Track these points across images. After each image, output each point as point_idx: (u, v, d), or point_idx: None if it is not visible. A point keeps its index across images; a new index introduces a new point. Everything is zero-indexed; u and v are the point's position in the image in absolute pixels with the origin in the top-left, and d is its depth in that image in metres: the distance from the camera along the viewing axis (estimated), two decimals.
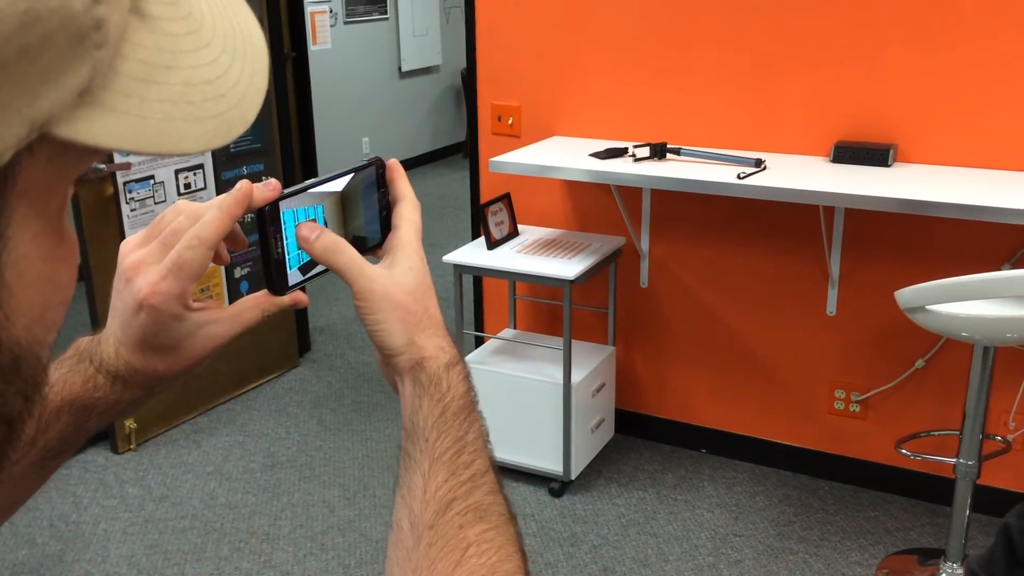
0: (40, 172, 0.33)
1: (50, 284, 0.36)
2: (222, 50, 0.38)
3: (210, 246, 0.63)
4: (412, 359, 0.66)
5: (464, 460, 0.62)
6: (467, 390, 0.66)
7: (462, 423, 0.64)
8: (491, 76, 3.41)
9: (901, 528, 2.97)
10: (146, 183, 3.34)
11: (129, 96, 0.34)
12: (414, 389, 0.65)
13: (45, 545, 2.91)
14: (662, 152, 2.94)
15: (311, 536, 2.96)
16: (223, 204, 0.64)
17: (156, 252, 0.64)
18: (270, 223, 0.66)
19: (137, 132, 0.34)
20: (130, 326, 0.64)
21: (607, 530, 2.98)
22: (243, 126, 0.39)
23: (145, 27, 0.35)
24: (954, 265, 2.77)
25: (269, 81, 1.18)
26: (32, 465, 0.64)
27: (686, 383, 3.40)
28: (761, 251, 3.14)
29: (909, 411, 3.06)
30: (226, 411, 3.77)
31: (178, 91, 0.35)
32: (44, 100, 0.31)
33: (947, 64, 2.73)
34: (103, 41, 0.32)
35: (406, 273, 0.67)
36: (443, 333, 0.68)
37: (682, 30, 3.05)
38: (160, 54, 0.35)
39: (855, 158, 2.82)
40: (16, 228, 0.33)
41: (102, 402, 0.66)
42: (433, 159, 8.46)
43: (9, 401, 0.35)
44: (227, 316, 0.68)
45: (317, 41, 6.65)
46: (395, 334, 0.66)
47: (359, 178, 0.71)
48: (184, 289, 0.63)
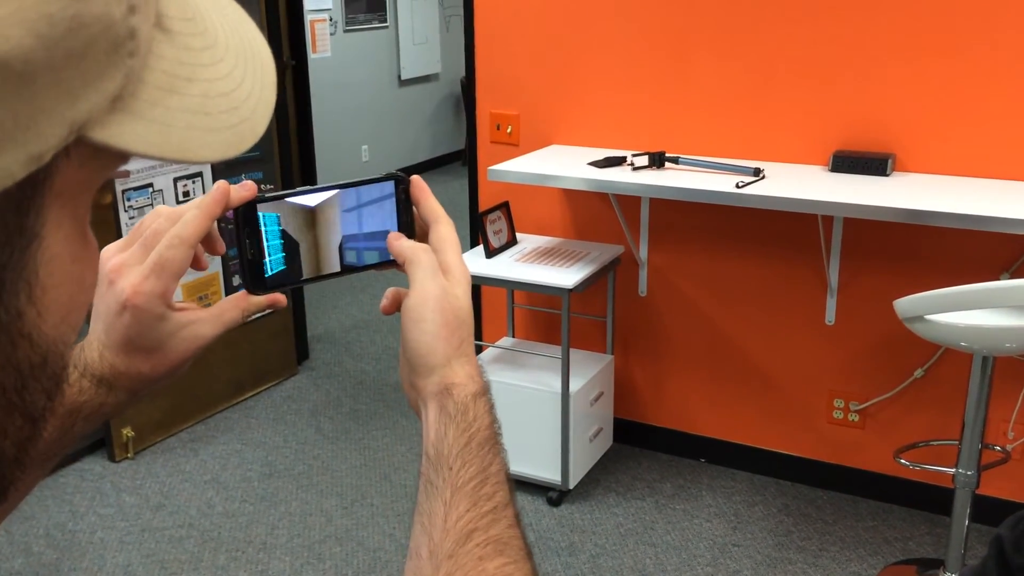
0: (73, 175, 0.34)
1: (77, 285, 0.37)
2: (234, 65, 0.40)
3: (190, 245, 0.64)
4: (441, 383, 0.66)
5: (487, 492, 0.62)
6: (492, 422, 0.66)
7: (486, 454, 0.64)
8: (490, 85, 3.41)
9: (900, 538, 2.96)
10: (145, 191, 3.34)
11: (155, 105, 0.35)
12: (439, 416, 0.65)
13: (41, 554, 2.90)
14: (660, 161, 2.94)
15: (308, 545, 2.95)
16: (202, 204, 0.65)
17: (138, 254, 0.65)
18: (244, 224, 0.67)
19: (163, 139, 0.35)
20: (114, 328, 0.65)
21: (605, 539, 2.97)
22: (254, 138, 0.40)
23: (167, 41, 0.36)
24: (953, 275, 2.77)
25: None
26: None
27: (685, 392, 3.40)
28: (759, 260, 3.14)
29: (908, 421, 3.05)
30: (224, 419, 3.76)
31: (197, 102, 0.37)
32: (83, 103, 0.32)
33: (945, 73, 2.74)
34: (135, 50, 0.34)
35: (459, 296, 0.67)
36: (475, 362, 0.68)
37: (681, 38, 3.06)
38: (181, 67, 0.37)
39: (853, 167, 2.82)
40: (50, 228, 0.34)
41: (87, 406, 0.66)
42: (432, 167, 8.46)
43: (36, 399, 0.36)
44: (209, 316, 0.69)
45: (317, 49, 6.66)
46: (436, 350, 0.66)
47: (366, 191, 0.71)
48: (167, 288, 0.64)
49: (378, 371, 4.22)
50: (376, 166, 7.75)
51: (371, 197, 0.71)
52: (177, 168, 3.44)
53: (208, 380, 3.71)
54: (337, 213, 0.70)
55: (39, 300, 0.34)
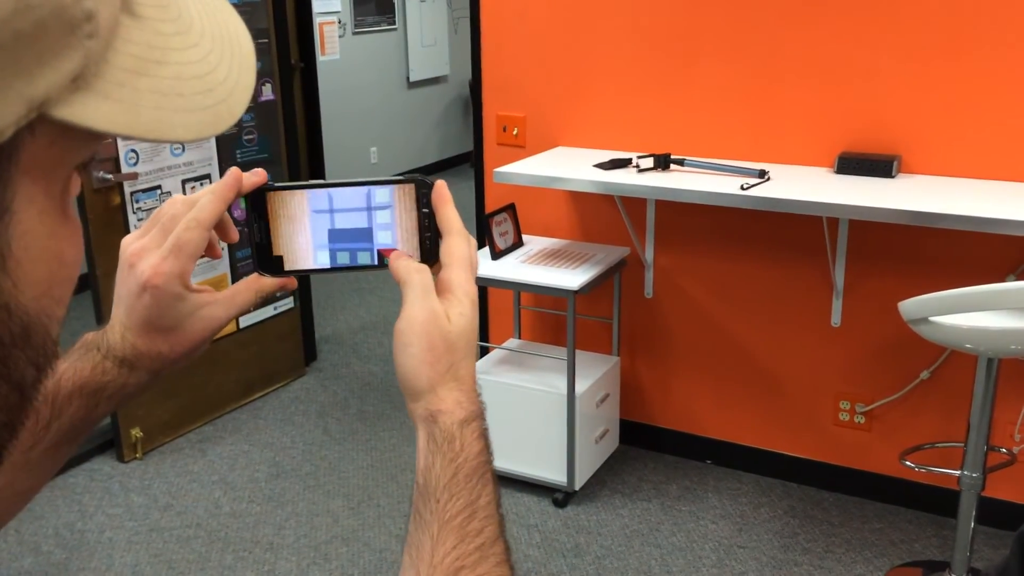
0: (43, 152, 0.36)
1: (55, 260, 0.39)
2: (210, 50, 0.41)
3: (206, 227, 0.67)
4: (428, 410, 0.65)
5: (474, 527, 0.62)
6: (481, 449, 0.65)
7: (474, 486, 0.63)
8: (496, 87, 3.42)
9: (906, 540, 2.96)
10: (153, 193, 3.36)
11: (122, 86, 0.37)
12: (427, 444, 0.65)
13: (50, 553, 2.93)
14: (666, 163, 2.95)
15: (315, 546, 2.97)
16: (216, 188, 0.69)
17: (157, 238, 0.68)
18: (252, 208, 0.70)
19: (130, 119, 0.37)
20: (135, 309, 0.68)
21: (611, 541, 2.98)
22: (231, 118, 0.42)
23: (136, 25, 0.38)
24: (958, 276, 2.77)
25: (277, 92, 1.19)
26: (47, 450, 0.68)
27: (690, 394, 3.40)
28: (765, 262, 3.14)
29: (914, 423, 3.05)
30: (232, 420, 3.78)
31: (168, 84, 0.38)
32: (40, 82, 0.33)
33: (951, 75, 2.73)
34: (94, 32, 0.35)
35: (456, 321, 0.66)
36: (466, 388, 0.67)
37: (686, 41, 3.06)
38: (151, 50, 0.38)
39: (859, 169, 2.82)
40: (21, 203, 0.36)
41: (111, 386, 0.70)
42: (441, 169, 8.48)
43: (20, 367, 0.38)
44: (223, 299, 0.71)
45: (326, 51, 6.69)
46: (419, 375, 0.66)
47: (384, 191, 0.71)
48: (184, 269, 0.67)
49: (385, 372, 4.23)
50: (385, 168, 7.77)
51: (388, 198, 0.71)
52: (184, 170, 3.46)
53: (216, 381, 3.73)
54: (350, 209, 0.71)
55: (13, 272, 0.36)
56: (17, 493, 0.69)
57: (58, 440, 0.69)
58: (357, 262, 0.71)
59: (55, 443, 0.68)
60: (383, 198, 0.70)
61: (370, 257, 0.72)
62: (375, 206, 0.71)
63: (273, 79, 3.76)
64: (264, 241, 0.71)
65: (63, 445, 0.69)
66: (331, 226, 0.71)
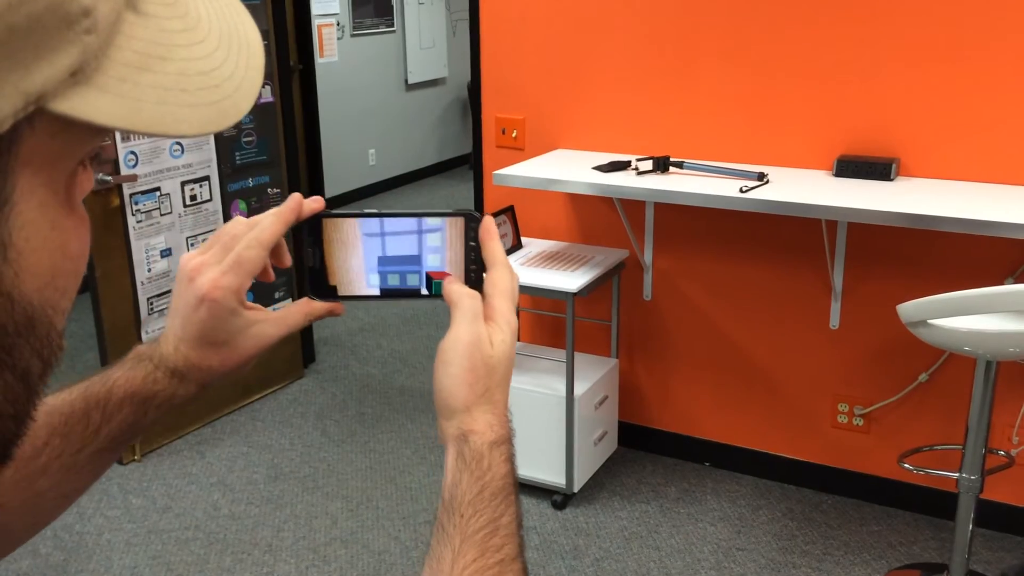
0: (43, 145, 0.36)
1: (58, 251, 0.39)
2: (216, 47, 0.42)
3: (266, 247, 0.70)
4: (460, 429, 0.67)
5: (495, 543, 0.63)
6: (508, 471, 0.67)
7: (498, 505, 0.65)
8: (495, 89, 3.42)
9: (904, 543, 2.96)
10: (152, 195, 3.36)
11: (123, 81, 0.37)
12: (456, 462, 0.66)
13: (49, 555, 2.92)
14: (665, 165, 2.95)
15: (313, 548, 2.97)
16: (278, 211, 0.71)
17: (217, 255, 0.71)
18: (307, 233, 0.73)
19: (131, 113, 0.37)
20: (190, 321, 0.71)
21: (609, 543, 2.98)
22: (237, 114, 0.42)
23: (141, 22, 0.38)
24: (957, 279, 2.78)
25: (276, 93, 1.19)
26: (95, 453, 0.71)
27: (689, 396, 3.40)
28: (764, 264, 3.14)
29: (912, 425, 3.05)
30: (230, 422, 3.78)
31: (172, 79, 0.39)
32: (37, 75, 0.34)
33: (950, 78, 2.74)
34: (92, 27, 0.35)
35: (498, 344, 0.69)
36: (499, 412, 0.69)
37: (685, 44, 3.07)
38: (155, 46, 0.39)
39: (857, 172, 2.82)
40: (21, 194, 0.36)
41: (161, 395, 0.72)
42: (439, 171, 8.48)
43: (25, 357, 0.38)
44: (275, 318, 0.74)
45: (324, 53, 6.69)
46: (457, 395, 0.68)
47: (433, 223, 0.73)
48: (241, 285, 0.70)
49: (384, 375, 4.23)
50: (383, 170, 7.77)
51: (438, 229, 0.73)
52: (184, 172, 3.46)
53: None
54: (401, 237, 0.73)
55: (15, 262, 0.36)
56: (62, 495, 0.72)
57: (106, 445, 0.71)
58: (406, 285, 0.74)
59: (103, 448, 0.71)
60: (433, 229, 0.73)
61: (418, 281, 0.75)
62: (425, 235, 0.73)
63: (272, 81, 3.76)
64: (317, 266, 0.74)
65: (110, 450, 0.72)
66: (381, 253, 0.74)
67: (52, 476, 0.69)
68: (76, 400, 0.71)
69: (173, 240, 3.45)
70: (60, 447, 0.69)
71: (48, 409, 0.70)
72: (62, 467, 0.69)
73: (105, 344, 3.36)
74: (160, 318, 3.46)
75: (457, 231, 0.73)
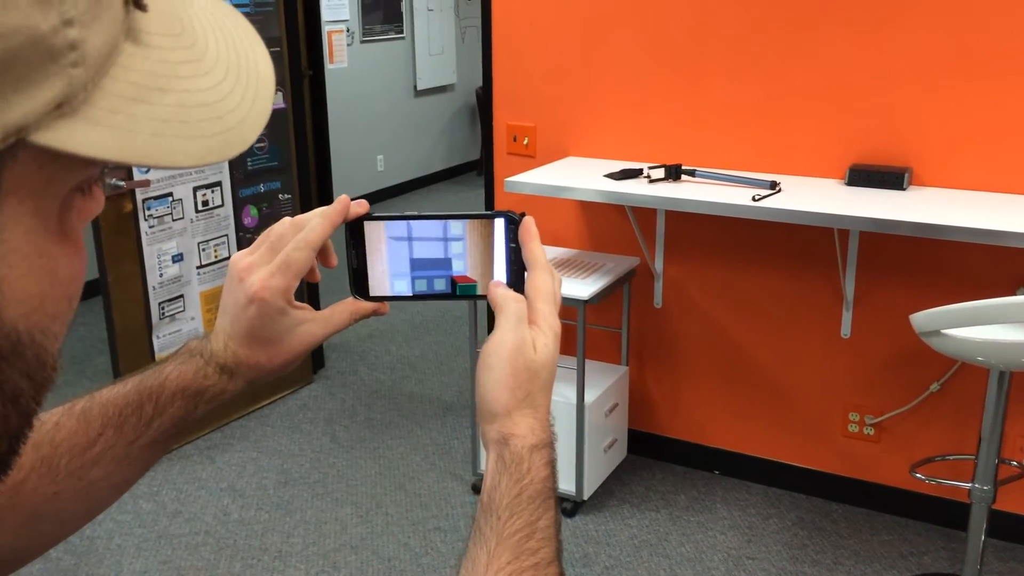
0: (29, 175, 0.36)
1: (46, 278, 0.39)
2: (223, 78, 0.42)
3: (314, 248, 0.72)
4: (501, 433, 0.68)
5: (531, 546, 0.63)
6: (548, 476, 0.67)
7: (536, 508, 0.65)
8: (507, 96, 3.43)
9: (915, 552, 2.95)
10: (164, 200, 3.37)
11: (116, 112, 0.37)
12: (496, 465, 0.67)
13: (59, 560, 2.93)
14: (677, 173, 2.95)
15: (323, 554, 2.97)
16: (326, 213, 0.73)
17: (265, 255, 0.72)
18: (351, 236, 0.75)
19: (123, 144, 0.37)
20: (239, 320, 0.73)
21: (619, 551, 2.97)
22: (242, 145, 0.42)
23: (140, 53, 0.38)
24: (969, 289, 2.77)
25: (287, 100, 1.19)
26: (148, 444, 0.73)
27: (699, 404, 3.40)
28: (775, 273, 3.14)
29: (924, 435, 3.05)
30: (240, 427, 3.78)
31: (170, 111, 0.39)
32: (17, 109, 0.34)
33: (963, 87, 2.74)
34: (79, 60, 0.35)
35: (541, 349, 0.69)
36: (540, 417, 0.69)
37: (698, 51, 3.07)
38: (154, 78, 0.39)
39: (870, 181, 2.82)
40: (5, 223, 0.36)
41: (211, 390, 0.74)
42: (447, 177, 8.50)
43: (13, 379, 0.38)
44: (322, 317, 0.76)
45: (334, 60, 6.71)
46: (499, 399, 0.68)
47: (473, 224, 0.74)
48: (289, 285, 0.72)
49: (393, 380, 4.24)
50: (392, 176, 7.78)
51: (476, 231, 0.74)
52: (196, 178, 3.47)
53: None
54: (439, 240, 0.74)
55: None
56: (115, 484, 0.73)
57: (157, 437, 0.73)
58: (435, 290, 0.75)
59: (154, 440, 0.73)
60: (474, 230, 0.74)
61: (445, 284, 0.75)
62: (462, 238, 0.74)
63: (284, 87, 3.78)
64: (360, 266, 0.75)
65: (161, 443, 0.74)
66: (422, 255, 0.75)
67: (105, 466, 0.71)
68: (130, 393, 0.72)
69: (185, 245, 3.46)
70: (113, 438, 0.71)
71: (103, 401, 0.72)
72: (115, 458, 0.71)
73: (116, 348, 3.36)
74: (171, 323, 3.47)
75: (499, 232, 0.74)
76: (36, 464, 0.68)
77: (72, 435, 0.70)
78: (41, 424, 0.70)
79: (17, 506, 0.67)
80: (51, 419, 0.70)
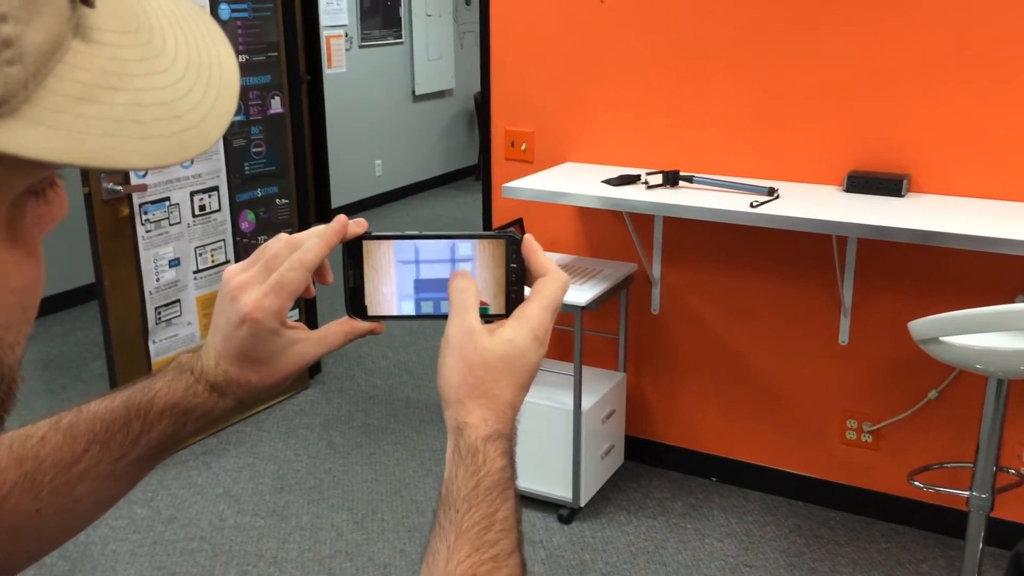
0: None
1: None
2: (181, 76, 0.40)
3: (309, 269, 0.70)
4: (456, 420, 0.67)
5: (490, 538, 0.63)
6: (504, 466, 0.67)
7: (494, 500, 0.65)
8: (505, 102, 3.43)
9: (913, 560, 2.94)
10: (162, 205, 3.36)
11: (61, 112, 0.35)
12: (453, 455, 0.67)
13: (53, 566, 2.91)
14: (675, 179, 2.95)
15: (319, 560, 2.95)
16: (323, 233, 0.71)
17: (259, 274, 0.71)
18: (349, 255, 0.73)
19: (68, 146, 0.35)
20: (231, 339, 0.71)
21: (616, 558, 2.96)
22: (203, 145, 0.40)
23: (90, 51, 0.37)
24: (968, 296, 2.77)
25: (286, 104, 1.18)
26: (134, 462, 0.71)
27: (697, 410, 3.39)
28: (773, 279, 3.13)
29: (922, 442, 3.04)
30: (236, 433, 3.77)
31: (124, 110, 0.37)
32: None
33: (962, 95, 2.74)
34: (15, 58, 0.34)
35: (500, 343, 0.68)
36: (496, 408, 0.68)
37: (696, 57, 3.07)
38: (105, 76, 0.37)
39: (868, 188, 2.82)
40: None
41: (200, 408, 0.73)
42: (445, 182, 8.49)
43: None
44: (316, 337, 0.75)
45: (332, 65, 6.70)
46: (449, 384, 0.68)
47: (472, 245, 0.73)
48: (283, 306, 0.70)
49: (389, 386, 4.23)
50: (390, 181, 7.78)
51: (475, 251, 0.73)
52: (193, 182, 3.46)
53: None
54: (438, 261, 0.74)
55: None
56: (99, 501, 0.72)
57: (144, 454, 0.72)
58: (441, 311, 0.74)
59: (141, 457, 0.71)
60: (470, 251, 0.73)
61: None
62: (463, 258, 0.73)
63: (282, 92, 3.77)
64: (357, 286, 0.74)
65: (148, 460, 0.72)
66: (418, 276, 0.74)
67: (90, 483, 0.70)
68: (118, 408, 0.71)
69: (181, 250, 3.45)
70: (99, 455, 0.70)
71: (90, 416, 0.71)
72: (100, 475, 0.70)
73: (112, 353, 3.35)
74: (167, 327, 3.46)
75: (499, 252, 0.73)
76: (19, 480, 0.67)
77: (57, 451, 0.69)
78: (27, 438, 0.69)
79: None
80: (37, 433, 0.69)
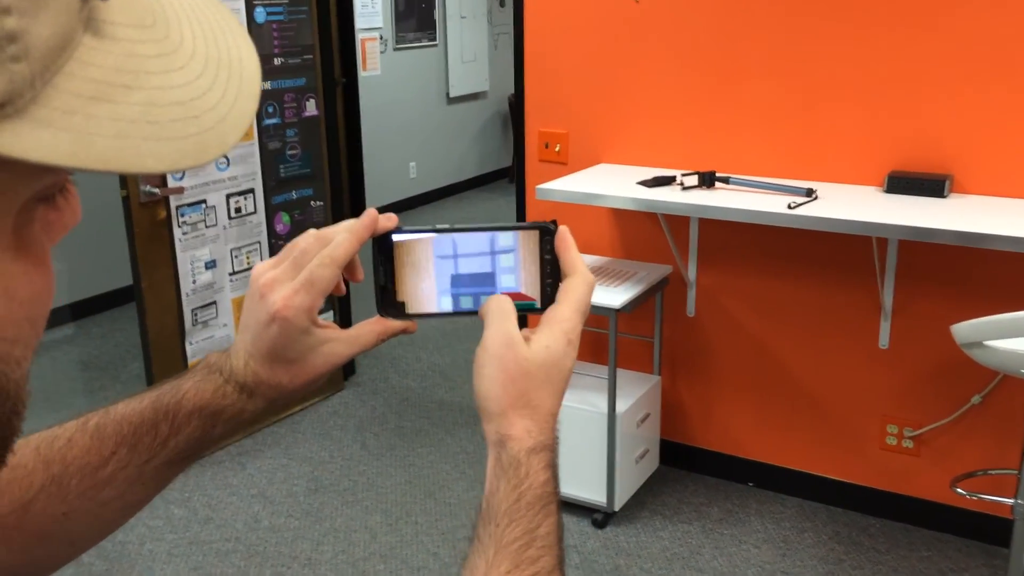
0: None
1: (3, 298, 0.36)
2: (200, 74, 0.38)
3: (339, 265, 0.68)
4: (498, 433, 0.65)
5: (531, 555, 0.61)
6: (547, 480, 0.64)
7: (536, 515, 0.62)
8: (539, 103, 3.41)
9: (955, 569, 2.88)
10: (198, 207, 3.39)
11: (72, 113, 0.33)
12: (495, 468, 0.65)
13: (91, 565, 2.94)
14: (711, 181, 2.92)
15: (352, 562, 2.96)
16: (353, 228, 0.69)
17: (288, 271, 0.69)
18: (379, 252, 0.71)
19: (78, 148, 0.33)
20: (261, 338, 0.69)
21: (651, 564, 2.93)
22: (221, 148, 0.38)
23: (103, 47, 0.35)
24: (1012, 299, 2.70)
25: (320, 107, 1.16)
26: (162, 465, 0.70)
27: (733, 414, 3.35)
28: (811, 281, 3.09)
29: (965, 448, 2.97)
30: (271, 434, 3.79)
31: (138, 111, 0.35)
32: None
33: (1004, 92, 2.68)
34: (21, 54, 0.31)
35: (538, 351, 0.66)
36: (539, 419, 0.66)
37: (732, 57, 3.03)
38: (119, 74, 0.35)
39: (909, 188, 2.77)
40: None
41: (229, 409, 0.71)
42: (479, 184, 8.50)
43: None
44: (347, 337, 0.72)
45: (367, 67, 6.73)
46: (490, 397, 0.66)
47: (507, 236, 0.71)
48: (313, 303, 0.68)
49: (423, 388, 4.23)
50: (424, 183, 7.80)
51: (512, 243, 0.71)
52: (229, 184, 3.48)
53: None
54: (473, 254, 0.72)
55: None
56: (127, 504, 0.70)
57: (173, 457, 0.70)
58: (478, 307, 0.71)
59: (169, 460, 0.70)
60: (507, 243, 0.71)
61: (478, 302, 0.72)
62: (499, 251, 0.71)
63: (317, 94, 3.78)
64: (388, 284, 0.72)
65: (177, 462, 0.71)
66: (454, 271, 0.72)
67: (117, 487, 0.68)
68: (146, 410, 0.69)
69: (217, 252, 3.48)
70: (127, 458, 0.68)
71: (118, 418, 0.69)
72: (127, 478, 0.68)
73: (149, 354, 3.38)
74: (204, 329, 3.48)
75: (532, 244, 0.71)
76: (47, 483, 0.66)
77: (85, 453, 0.68)
78: (54, 440, 0.68)
79: (25, 526, 0.65)
80: (64, 435, 0.68)
